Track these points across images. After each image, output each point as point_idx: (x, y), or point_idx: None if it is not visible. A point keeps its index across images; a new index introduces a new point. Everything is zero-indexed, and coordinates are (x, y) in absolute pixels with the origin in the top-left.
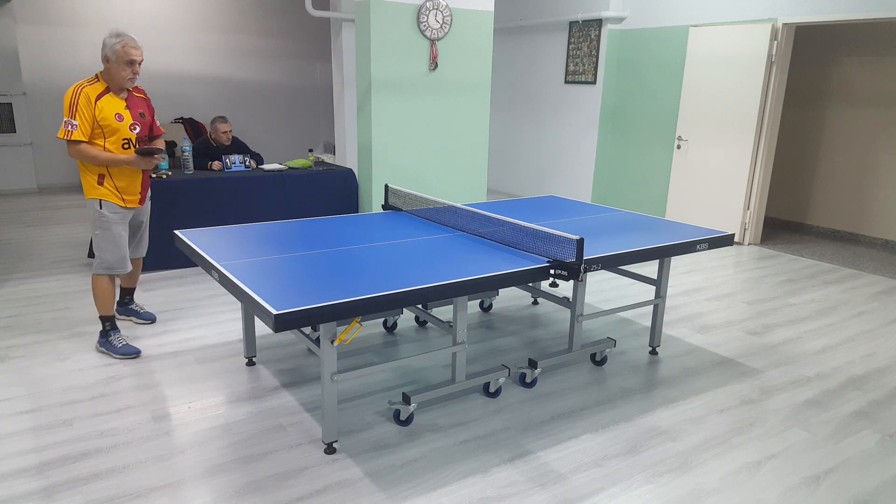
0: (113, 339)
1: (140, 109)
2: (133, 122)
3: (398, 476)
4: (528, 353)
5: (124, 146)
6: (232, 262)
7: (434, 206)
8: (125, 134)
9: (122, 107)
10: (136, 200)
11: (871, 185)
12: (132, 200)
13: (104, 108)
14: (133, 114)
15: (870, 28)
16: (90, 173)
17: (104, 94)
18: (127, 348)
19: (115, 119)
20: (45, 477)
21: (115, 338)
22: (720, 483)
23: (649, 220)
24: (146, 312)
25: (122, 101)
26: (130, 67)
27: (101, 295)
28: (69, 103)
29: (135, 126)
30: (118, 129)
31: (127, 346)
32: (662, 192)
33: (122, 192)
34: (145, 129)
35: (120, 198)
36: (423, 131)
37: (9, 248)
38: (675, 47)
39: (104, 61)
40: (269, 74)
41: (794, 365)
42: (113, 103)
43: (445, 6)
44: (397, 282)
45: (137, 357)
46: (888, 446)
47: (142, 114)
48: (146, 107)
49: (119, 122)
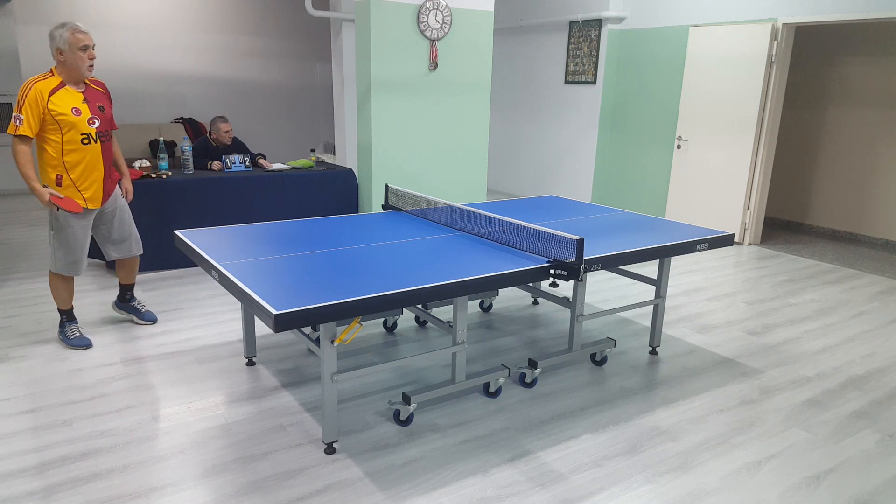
0: (67, 331)
1: (99, 103)
2: (92, 116)
3: (398, 476)
4: (528, 353)
5: (83, 141)
6: (232, 262)
7: (434, 206)
8: (83, 128)
9: (79, 100)
10: (98, 200)
11: (871, 185)
12: (93, 200)
13: (59, 102)
14: (91, 107)
15: (870, 28)
16: (48, 172)
17: (58, 88)
18: (78, 340)
19: (72, 113)
20: (45, 477)
21: (69, 329)
22: (720, 483)
23: (649, 220)
24: (147, 312)
25: (80, 94)
26: (85, 53)
27: (55, 292)
28: (19, 98)
29: (94, 120)
30: (75, 123)
31: (78, 339)
32: (662, 192)
33: (83, 191)
34: (105, 123)
35: (81, 197)
36: (423, 131)
37: (9, 248)
38: (675, 47)
39: (57, 54)
40: (269, 74)
41: (794, 365)
42: (69, 97)
43: (445, 6)
44: (397, 282)
45: (88, 349)
46: (888, 446)
47: (101, 107)
48: (106, 100)
49: (76, 116)
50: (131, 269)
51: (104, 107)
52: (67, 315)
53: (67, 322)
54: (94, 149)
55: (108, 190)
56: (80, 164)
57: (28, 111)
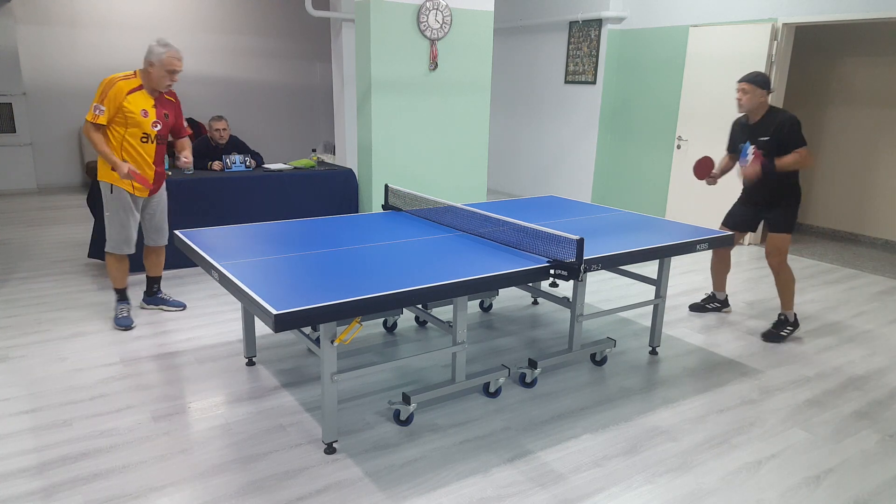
0: (116, 310)
1: (166, 111)
2: (156, 121)
3: (398, 476)
4: (528, 353)
5: (142, 139)
6: (232, 262)
7: (434, 206)
8: (146, 129)
9: (150, 104)
10: (146, 190)
11: (871, 185)
12: (141, 189)
13: (133, 101)
14: (158, 112)
15: (870, 28)
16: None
17: (137, 90)
18: (121, 320)
19: (141, 114)
20: (45, 477)
21: (118, 308)
22: (720, 483)
23: (649, 220)
24: (174, 300)
25: (152, 99)
26: (170, 76)
27: (110, 271)
28: (101, 90)
29: (157, 124)
30: (141, 123)
31: (122, 319)
32: (662, 192)
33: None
34: (166, 128)
35: (130, 185)
36: (423, 131)
37: (9, 248)
38: (675, 47)
39: (147, 65)
40: (269, 74)
41: (794, 365)
42: (142, 100)
43: (445, 6)
44: (397, 282)
45: (128, 329)
46: (888, 446)
47: (166, 115)
48: (173, 109)
49: (143, 117)
50: (158, 261)
51: (169, 115)
52: (120, 294)
53: (118, 302)
54: (149, 147)
55: (157, 183)
56: (133, 156)
57: (109, 104)
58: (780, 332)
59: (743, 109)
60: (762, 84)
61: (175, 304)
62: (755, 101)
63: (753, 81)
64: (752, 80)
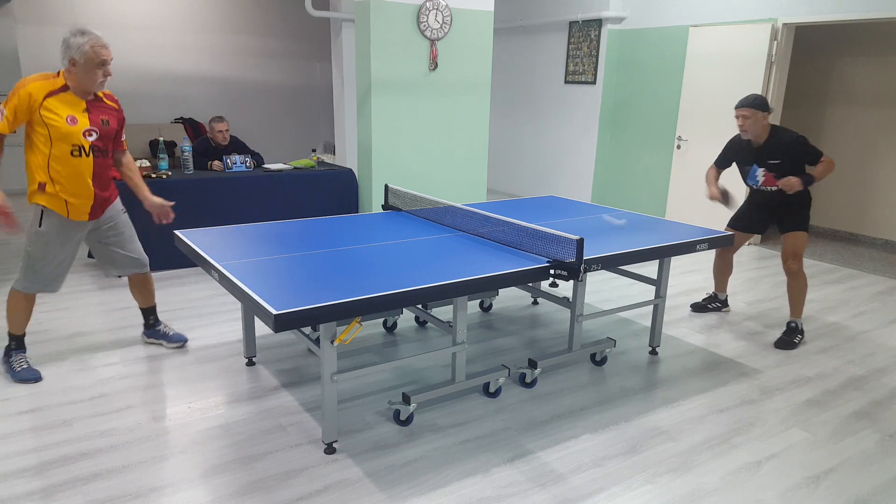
0: (13, 361)
1: (105, 116)
2: (89, 128)
3: (398, 476)
4: (528, 353)
5: (73, 153)
6: (232, 262)
7: (434, 206)
8: (76, 139)
9: (79, 109)
10: (85, 213)
11: (871, 185)
12: (79, 213)
13: (54, 106)
14: (92, 118)
15: (870, 28)
16: (35, 176)
17: (59, 91)
18: (26, 373)
19: (67, 121)
20: (45, 477)
21: (15, 359)
22: (720, 483)
23: (649, 220)
24: (176, 334)
25: (83, 102)
26: (102, 69)
27: (10, 311)
28: (10, 93)
29: (91, 132)
30: (69, 133)
31: (23, 372)
32: (662, 192)
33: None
34: (107, 139)
35: (65, 206)
36: (423, 131)
37: (9, 248)
38: (675, 47)
39: (69, 64)
40: (269, 74)
41: (794, 365)
42: (68, 104)
43: (445, 6)
44: (397, 282)
45: (38, 382)
46: (888, 446)
47: (105, 121)
48: (114, 115)
49: (71, 125)
50: (145, 290)
51: (109, 121)
52: (17, 342)
53: (16, 350)
54: (83, 162)
55: (100, 206)
56: (66, 175)
57: (14, 109)
58: (793, 340)
59: (748, 136)
60: (761, 106)
61: (176, 338)
62: (758, 125)
63: (753, 105)
64: (751, 104)
